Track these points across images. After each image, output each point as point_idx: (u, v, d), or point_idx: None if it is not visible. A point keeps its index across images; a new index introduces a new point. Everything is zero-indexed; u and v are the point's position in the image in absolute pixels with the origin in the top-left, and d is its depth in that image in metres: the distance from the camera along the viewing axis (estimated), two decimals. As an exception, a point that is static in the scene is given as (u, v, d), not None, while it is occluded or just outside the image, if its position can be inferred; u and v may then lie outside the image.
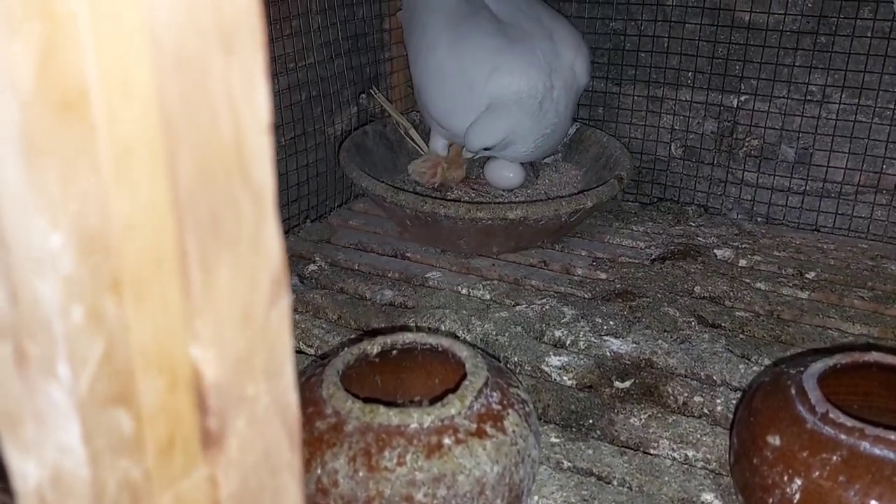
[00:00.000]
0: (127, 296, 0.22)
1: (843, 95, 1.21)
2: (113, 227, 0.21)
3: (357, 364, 0.66)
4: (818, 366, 0.63)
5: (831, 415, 0.56)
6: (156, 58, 0.21)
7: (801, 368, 0.63)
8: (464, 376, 0.63)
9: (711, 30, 1.26)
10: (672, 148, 1.36)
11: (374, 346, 0.65)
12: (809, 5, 1.19)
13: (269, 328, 0.27)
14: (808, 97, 1.23)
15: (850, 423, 0.55)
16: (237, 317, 0.25)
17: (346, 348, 0.65)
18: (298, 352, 0.90)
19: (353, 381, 0.66)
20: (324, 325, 0.94)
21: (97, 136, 0.20)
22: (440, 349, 0.65)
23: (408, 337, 0.66)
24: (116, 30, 0.20)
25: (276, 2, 1.14)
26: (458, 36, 1.20)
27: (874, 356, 0.63)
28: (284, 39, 1.17)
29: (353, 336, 0.92)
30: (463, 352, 0.64)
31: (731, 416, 0.79)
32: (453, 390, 0.63)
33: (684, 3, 1.27)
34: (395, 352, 0.67)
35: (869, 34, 1.17)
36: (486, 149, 1.18)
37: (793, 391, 0.60)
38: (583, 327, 0.94)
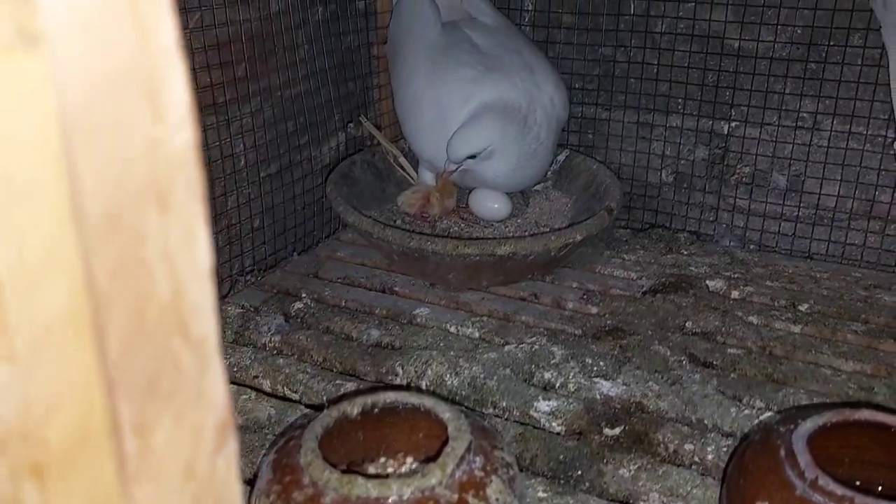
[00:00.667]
0: (50, 478, 0.20)
1: (835, 122, 1.20)
2: (32, 414, 0.19)
3: (337, 424, 0.64)
4: (808, 425, 0.61)
5: (821, 482, 0.55)
6: (80, 228, 0.19)
7: (792, 426, 0.62)
8: (447, 437, 0.61)
9: (701, 56, 1.25)
10: (663, 174, 1.35)
11: (354, 408, 0.64)
12: (799, 32, 1.18)
13: (215, 478, 0.25)
14: (800, 124, 1.22)
15: (839, 490, 0.54)
16: (179, 473, 0.24)
17: (325, 410, 0.64)
18: (283, 398, 0.89)
19: (333, 439, 0.65)
20: (308, 370, 0.92)
21: (8, 322, 0.18)
22: (422, 409, 0.64)
23: (389, 396, 0.65)
24: (35, 208, 0.18)
25: (262, 34, 1.13)
26: (436, 67, 1.20)
27: (864, 414, 0.62)
28: (270, 70, 1.16)
29: (338, 381, 0.90)
30: (445, 413, 0.62)
31: (721, 465, 0.78)
32: (436, 451, 0.62)
33: (673, 29, 1.26)
34: (376, 410, 0.66)
35: (859, 61, 1.16)
36: (470, 156, 1.15)
37: (782, 453, 0.59)
38: (573, 368, 0.93)
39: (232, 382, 0.91)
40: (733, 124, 1.27)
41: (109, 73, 0.19)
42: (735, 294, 1.13)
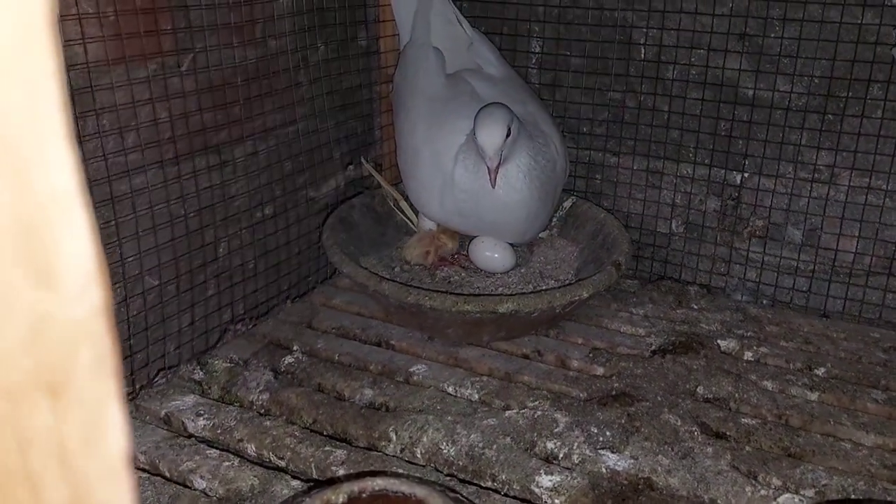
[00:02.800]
0: None
1: (853, 176, 1.15)
2: None
3: (322, 512, 0.59)
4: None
5: None
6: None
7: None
8: (440, 530, 0.56)
9: (714, 104, 1.21)
10: (673, 224, 1.30)
11: (338, 495, 0.58)
12: (816, 82, 1.14)
13: None
14: (816, 176, 1.18)
15: None
16: None
17: (307, 496, 0.58)
18: (268, 465, 0.83)
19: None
20: (297, 433, 0.87)
21: None
22: (413, 499, 0.59)
23: (378, 483, 0.59)
24: None
25: (260, 76, 1.09)
26: (435, 119, 1.16)
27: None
28: (268, 109, 1.12)
29: (327, 447, 0.85)
30: (439, 506, 0.57)
31: (737, 553, 0.72)
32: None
33: (685, 76, 1.21)
34: (364, 496, 0.60)
35: (879, 114, 1.11)
36: (506, 135, 1.03)
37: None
38: (577, 437, 0.87)
39: (214, 446, 0.86)
40: (746, 175, 1.22)
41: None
42: (748, 355, 1.08)
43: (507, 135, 1.03)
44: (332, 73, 1.23)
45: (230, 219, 1.08)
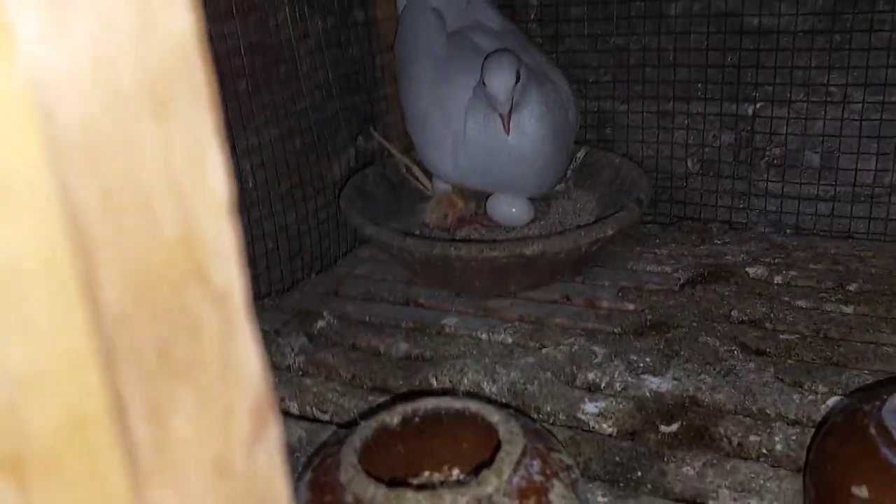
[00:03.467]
0: (34, 477, 0.15)
1: (866, 94, 1.14)
2: (5, 395, 0.14)
3: (376, 436, 0.59)
4: (896, 399, 0.55)
5: (925, 459, 0.49)
6: (50, 143, 0.14)
7: (878, 403, 0.56)
8: (497, 442, 0.56)
9: (719, 37, 1.20)
10: (689, 164, 1.29)
11: (393, 417, 0.58)
12: (821, 4, 1.13)
13: (255, 473, 0.20)
14: (829, 98, 1.17)
15: (948, 467, 0.48)
16: (209, 469, 0.18)
17: (362, 422, 0.58)
18: (313, 419, 0.83)
19: (373, 454, 0.59)
20: (337, 388, 0.87)
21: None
22: (468, 414, 0.58)
23: (430, 403, 0.59)
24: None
25: (263, 49, 1.09)
26: (440, 79, 1.15)
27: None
28: (273, 86, 1.12)
29: (370, 397, 0.84)
30: (494, 416, 0.57)
31: (792, 454, 0.71)
32: (488, 458, 0.56)
33: (688, 12, 1.21)
34: (417, 419, 0.60)
35: (887, 27, 1.10)
36: (516, 79, 1.02)
37: (873, 431, 0.53)
38: (617, 366, 0.87)
39: (257, 407, 0.85)
40: (759, 105, 1.21)
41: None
42: (778, 279, 1.07)
43: (517, 80, 1.03)
44: (333, 44, 1.23)
45: (245, 196, 1.08)
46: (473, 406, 0.58)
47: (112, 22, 0.15)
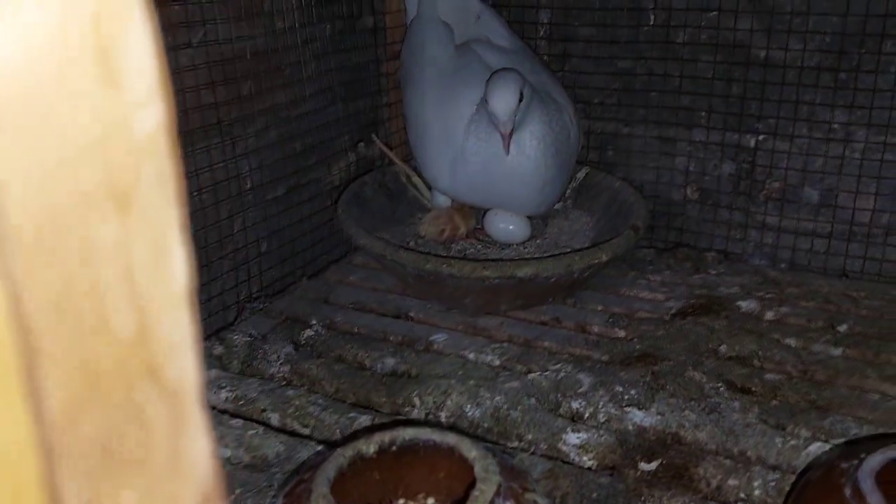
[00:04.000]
0: (-36, 587, 0.15)
1: (869, 133, 1.14)
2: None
3: (352, 464, 0.58)
4: (874, 461, 0.55)
5: (899, 527, 0.48)
6: (3, 244, 0.14)
7: (855, 462, 0.56)
8: (472, 477, 0.55)
9: (725, 67, 1.20)
10: (688, 191, 1.29)
11: (370, 446, 0.58)
12: (828, 40, 1.13)
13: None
14: (831, 136, 1.17)
15: (921, 537, 0.48)
16: (152, 563, 0.18)
17: (338, 448, 0.58)
18: (292, 433, 0.83)
19: (347, 481, 0.59)
20: (320, 402, 0.86)
21: None
22: (445, 447, 0.58)
23: (408, 433, 0.59)
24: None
25: (269, 52, 1.09)
26: (444, 93, 1.15)
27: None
28: (277, 89, 1.11)
29: (351, 413, 0.84)
30: (472, 451, 0.56)
31: (769, 501, 0.71)
32: (462, 492, 0.56)
33: (696, 40, 1.21)
34: (394, 448, 0.60)
35: (893, 69, 1.10)
36: (519, 100, 1.02)
37: (848, 492, 0.53)
38: (602, 397, 0.86)
39: (238, 416, 0.85)
40: (761, 137, 1.21)
41: (42, 25, 0.14)
42: (769, 315, 1.07)
43: (520, 100, 1.02)
44: (340, 50, 1.23)
45: (242, 197, 1.07)
46: (451, 439, 0.58)
47: (74, 122, 0.15)
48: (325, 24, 1.19)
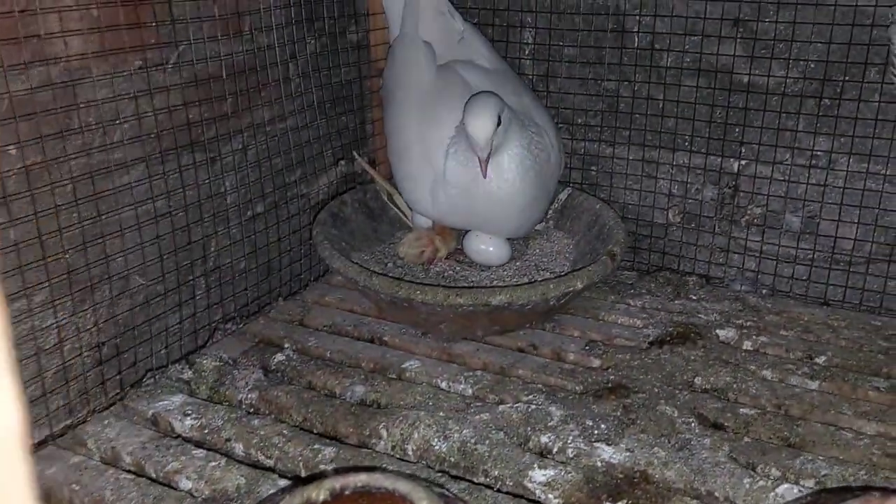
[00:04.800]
0: None
1: (851, 161, 1.13)
2: None
3: (303, 509, 0.57)
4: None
5: None
6: None
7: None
8: (425, 526, 0.54)
9: (709, 92, 1.19)
10: (670, 214, 1.28)
11: (319, 493, 0.57)
12: (812, 66, 1.12)
13: None
14: (814, 162, 1.16)
15: None
16: None
17: (287, 496, 0.57)
18: (255, 465, 0.82)
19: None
20: (285, 432, 0.85)
21: None
22: (397, 494, 0.57)
23: (360, 479, 0.58)
24: None
25: (253, 69, 1.08)
26: (426, 114, 1.13)
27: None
28: (260, 104, 1.10)
29: (316, 445, 0.83)
30: (423, 501, 0.55)
31: (735, 546, 0.70)
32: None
33: (679, 64, 1.20)
34: (346, 493, 0.59)
35: (876, 97, 1.09)
36: (497, 124, 1.00)
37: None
38: (572, 431, 0.85)
39: (201, 446, 0.84)
40: (743, 162, 1.20)
41: None
42: (747, 345, 1.06)
43: (498, 123, 1.01)
44: (323, 67, 1.22)
45: (220, 216, 1.06)
46: (403, 487, 0.57)
47: None
48: (309, 41, 1.18)
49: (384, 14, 1.29)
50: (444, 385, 0.96)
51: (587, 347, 1.04)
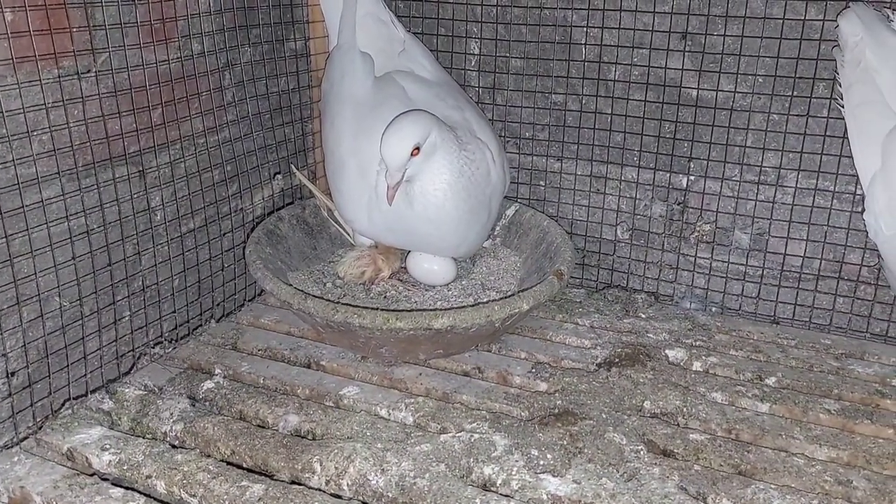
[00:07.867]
0: None
1: (800, 177, 1.12)
2: None
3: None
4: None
5: None
6: None
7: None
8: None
9: (657, 107, 1.16)
10: (619, 231, 1.25)
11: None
12: (760, 81, 1.10)
13: None
14: (763, 178, 1.14)
15: None
16: None
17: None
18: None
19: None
20: (211, 467, 0.79)
21: None
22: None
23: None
24: None
25: (184, 77, 1.02)
26: (362, 129, 1.09)
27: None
28: (191, 119, 1.04)
29: (244, 482, 0.77)
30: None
31: (686, 586, 0.67)
32: None
33: (627, 77, 1.17)
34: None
35: (825, 113, 1.08)
36: (414, 148, 0.97)
37: None
38: (516, 462, 0.81)
39: (119, 485, 0.78)
40: (692, 178, 1.18)
41: None
42: (697, 366, 1.03)
43: (418, 150, 0.97)
44: (261, 76, 1.16)
45: (147, 234, 1.00)
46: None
47: None
48: (246, 49, 1.13)
49: (325, 22, 1.24)
50: (383, 413, 0.91)
51: (534, 370, 1.00)
